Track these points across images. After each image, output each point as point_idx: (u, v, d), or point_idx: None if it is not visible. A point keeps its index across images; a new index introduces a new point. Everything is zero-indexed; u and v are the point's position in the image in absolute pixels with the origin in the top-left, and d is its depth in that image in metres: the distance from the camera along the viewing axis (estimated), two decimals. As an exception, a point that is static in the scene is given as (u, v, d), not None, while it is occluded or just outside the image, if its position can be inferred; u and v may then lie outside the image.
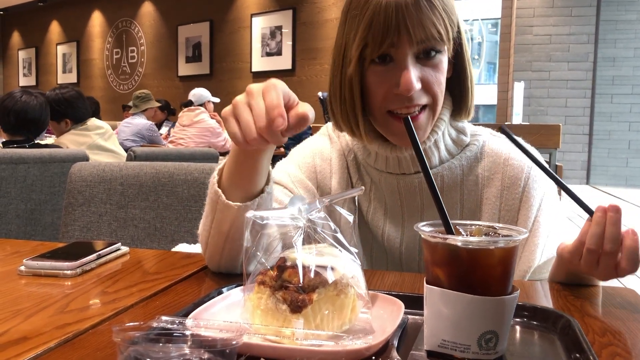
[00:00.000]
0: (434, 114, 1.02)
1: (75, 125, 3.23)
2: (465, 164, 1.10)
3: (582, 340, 0.63)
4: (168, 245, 1.63)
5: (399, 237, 1.13)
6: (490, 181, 1.10)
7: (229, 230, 0.91)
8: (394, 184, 1.10)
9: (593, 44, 8.64)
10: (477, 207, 1.10)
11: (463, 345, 0.61)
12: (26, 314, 0.75)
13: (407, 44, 0.95)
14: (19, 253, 1.11)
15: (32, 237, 2.57)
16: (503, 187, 1.09)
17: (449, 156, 1.10)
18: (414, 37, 0.94)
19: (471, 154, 1.10)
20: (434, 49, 0.97)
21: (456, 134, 1.10)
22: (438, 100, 1.01)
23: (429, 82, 0.98)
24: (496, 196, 1.09)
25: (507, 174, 1.09)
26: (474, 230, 0.66)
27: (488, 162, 1.10)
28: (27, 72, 13.40)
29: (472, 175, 1.10)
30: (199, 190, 1.66)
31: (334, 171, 1.16)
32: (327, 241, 0.69)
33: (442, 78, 1.00)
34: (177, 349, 0.50)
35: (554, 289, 0.92)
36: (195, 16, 9.98)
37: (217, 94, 7.11)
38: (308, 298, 0.63)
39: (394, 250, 1.14)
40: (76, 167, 1.71)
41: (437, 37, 0.95)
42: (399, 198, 1.12)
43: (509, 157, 1.10)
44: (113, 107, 10.83)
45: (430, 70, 0.98)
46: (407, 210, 1.12)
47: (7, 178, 2.48)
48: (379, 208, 1.14)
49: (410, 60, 0.96)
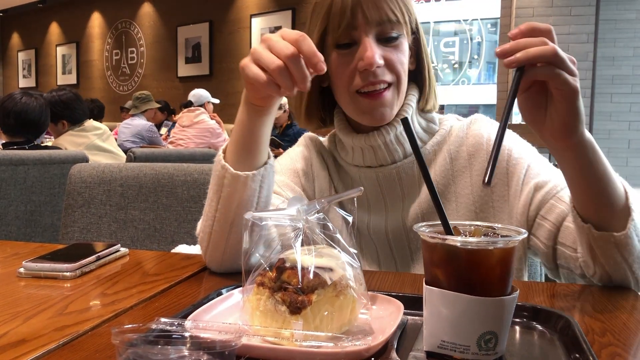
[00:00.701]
0: (399, 93, 1.07)
1: (73, 127, 3.22)
2: (437, 148, 1.15)
3: (581, 340, 0.63)
4: (168, 247, 1.63)
5: (384, 227, 1.16)
6: (457, 154, 1.15)
7: (235, 210, 0.94)
8: (374, 178, 1.14)
9: (592, 43, 8.64)
10: (449, 181, 1.14)
11: (462, 346, 0.61)
12: (25, 316, 0.75)
13: (365, 25, 1.01)
14: (19, 255, 1.11)
15: (32, 238, 2.57)
16: (469, 155, 1.14)
17: (421, 143, 1.15)
18: (370, 18, 1.00)
19: (441, 138, 1.16)
20: (392, 30, 1.03)
21: (426, 123, 1.16)
22: (402, 79, 1.06)
23: (391, 60, 1.03)
24: (465, 166, 1.14)
25: (470, 143, 1.14)
26: (473, 231, 0.66)
27: (452, 139, 1.16)
28: (26, 74, 13.40)
29: (441, 154, 1.15)
30: (199, 191, 1.65)
31: (316, 174, 1.22)
32: (326, 242, 0.69)
33: (404, 59, 1.06)
34: (176, 351, 0.50)
35: (553, 289, 0.91)
36: (195, 17, 9.98)
37: (217, 95, 7.11)
38: (307, 299, 0.63)
39: (382, 241, 1.18)
40: (76, 168, 1.71)
41: (394, 19, 1.01)
42: (380, 191, 1.15)
43: (469, 129, 1.16)
44: (113, 108, 10.81)
45: (391, 49, 1.04)
46: (389, 200, 1.16)
47: (7, 180, 2.48)
48: (361, 204, 1.18)
49: (371, 38, 1.01)
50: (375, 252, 1.20)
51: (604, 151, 0.87)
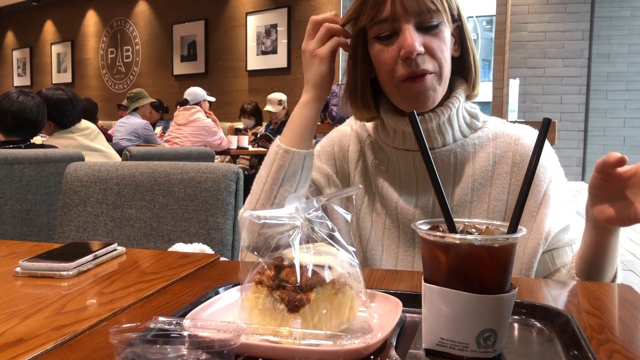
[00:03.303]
0: (441, 80, 1.08)
1: (59, 129, 3.14)
2: (478, 142, 1.16)
3: (580, 337, 0.63)
4: (164, 245, 1.62)
5: (412, 209, 1.18)
6: (502, 158, 1.15)
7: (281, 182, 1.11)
8: (410, 161, 1.17)
9: (588, 40, 8.66)
10: (487, 181, 1.15)
11: (462, 344, 0.61)
12: (22, 316, 0.75)
13: (404, 15, 1.02)
14: (15, 254, 1.10)
15: (28, 237, 2.56)
16: (514, 163, 1.14)
17: (462, 137, 1.16)
18: (409, 8, 1.01)
19: (483, 134, 1.17)
20: (432, 19, 1.03)
21: (470, 118, 1.17)
22: (444, 67, 1.06)
23: (432, 48, 1.04)
24: (507, 172, 1.14)
25: (519, 152, 1.14)
26: (472, 228, 0.66)
27: (500, 142, 1.16)
28: (21, 72, 13.34)
29: (483, 153, 1.16)
30: (195, 189, 1.65)
31: (351, 156, 1.26)
32: (324, 240, 0.69)
33: (445, 47, 1.06)
34: (174, 350, 0.50)
35: (551, 286, 0.92)
36: (190, 15, 9.95)
37: (213, 93, 7.10)
38: (306, 297, 0.62)
39: (407, 223, 1.19)
40: (72, 167, 1.71)
41: (433, 8, 1.02)
42: (414, 174, 1.18)
43: (519, 137, 1.16)
44: (108, 106, 10.79)
45: (432, 37, 1.04)
46: (421, 185, 1.18)
47: (3, 178, 2.47)
48: (393, 183, 1.20)
49: (410, 27, 1.02)
50: (397, 236, 1.20)
51: (599, 148, 0.89)
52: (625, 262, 4.57)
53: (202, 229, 1.62)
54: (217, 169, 1.66)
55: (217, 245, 1.59)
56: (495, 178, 1.15)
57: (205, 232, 1.61)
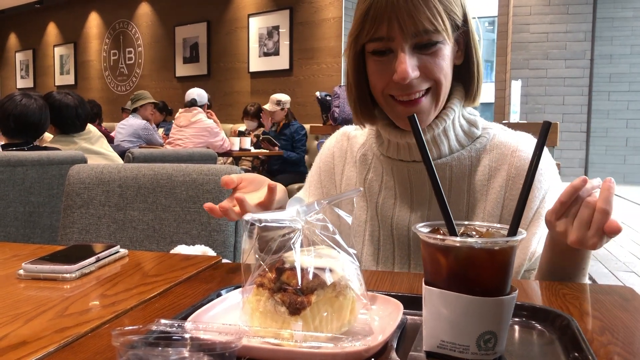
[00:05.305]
0: (438, 98, 1.05)
1: (60, 132, 3.12)
2: (475, 155, 1.13)
3: (580, 339, 0.63)
4: (167, 247, 1.63)
5: (407, 225, 1.15)
6: (497, 172, 1.12)
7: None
8: (405, 172, 1.15)
9: (590, 41, 8.65)
10: (483, 196, 1.12)
11: (462, 346, 0.61)
12: (25, 318, 0.75)
13: (400, 36, 0.98)
14: (18, 256, 1.11)
15: (31, 240, 2.57)
16: (509, 177, 1.11)
17: (459, 147, 1.13)
18: (406, 30, 0.97)
19: (481, 146, 1.13)
20: (430, 41, 0.99)
21: (468, 126, 1.13)
22: (441, 84, 1.03)
23: (428, 69, 1.01)
24: (501, 186, 1.11)
25: (514, 164, 1.11)
26: (473, 231, 0.66)
27: (496, 154, 1.13)
28: (24, 74, 13.37)
29: (480, 166, 1.13)
30: (198, 191, 1.66)
31: (347, 165, 1.26)
32: (325, 243, 0.69)
33: (444, 63, 1.02)
34: (176, 353, 0.50)
35: (552, 289, 0.92)
36: (192, 17, 9.96)
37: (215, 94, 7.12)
38: (307, 300, 0.63)
39: (402, 238, 1.17)
40: (74, 169, 1.71)
41: (432, 29, 0.97)
42: (409, 186, 1.15)
43: (517, 148, 1.12)
44: (111, 108, 10.81)
45: (429, 57, 1.01)
46: (415, 196, 1.15)
47: (5, 181, 2.48)
48: (389, 196, 1.18)
49: (406, 50, 0.99)
50: (391, 249, 1.18)
51: (602, 149, 0.89)
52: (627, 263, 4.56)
53: (204, 231, 1.62)
54: (220, 171, 1.66)
55: (219, 247, 1.59)
56: (490, 192, 1.12)
57: (208, 234, 1.62)
